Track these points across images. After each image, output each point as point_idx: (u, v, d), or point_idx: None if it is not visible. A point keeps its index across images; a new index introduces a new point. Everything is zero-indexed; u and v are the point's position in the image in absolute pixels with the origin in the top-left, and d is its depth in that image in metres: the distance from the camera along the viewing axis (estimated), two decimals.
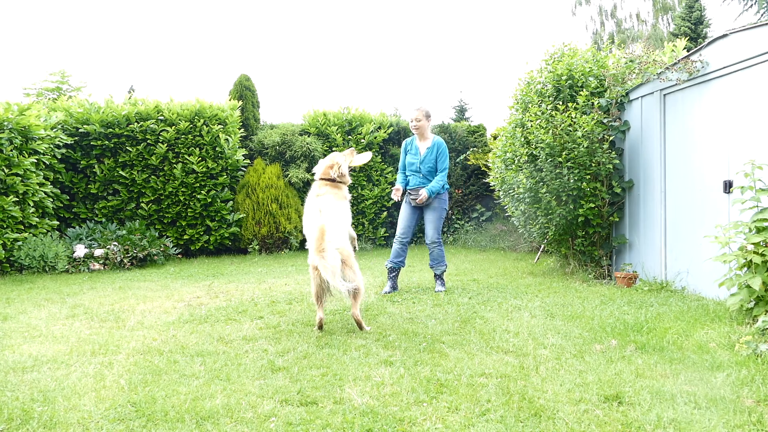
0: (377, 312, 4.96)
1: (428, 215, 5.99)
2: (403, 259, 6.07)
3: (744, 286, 4.11)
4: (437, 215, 5.98)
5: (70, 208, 9.01)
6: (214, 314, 4.94)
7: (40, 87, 10.53)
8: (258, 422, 2.69)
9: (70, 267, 7.80)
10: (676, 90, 5.82)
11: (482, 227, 11.27)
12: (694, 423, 2.61)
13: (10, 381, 3.27)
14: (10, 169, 7.49)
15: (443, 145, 6.02)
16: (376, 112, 11.07)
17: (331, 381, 3.21)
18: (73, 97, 9.98)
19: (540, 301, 5.35)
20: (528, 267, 7.80)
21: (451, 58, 42.30)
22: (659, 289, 5.75)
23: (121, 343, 4.04)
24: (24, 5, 37.90)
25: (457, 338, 4.07)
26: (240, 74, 10.63)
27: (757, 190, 4.25)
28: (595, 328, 4.25)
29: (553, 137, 6.40)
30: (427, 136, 6.07)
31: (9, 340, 4.18)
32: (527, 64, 9.51)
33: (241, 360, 3.62)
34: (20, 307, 5.36)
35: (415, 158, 6.04)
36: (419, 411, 2.79)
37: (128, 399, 2.97)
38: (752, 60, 4.78)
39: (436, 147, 5.97)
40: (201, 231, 9.31)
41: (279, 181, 9.80)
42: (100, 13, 40.12)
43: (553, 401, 2.88)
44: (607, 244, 6.81)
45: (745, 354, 3.48)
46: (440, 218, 6.00)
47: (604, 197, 6.54)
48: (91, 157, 8.96)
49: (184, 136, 9.17)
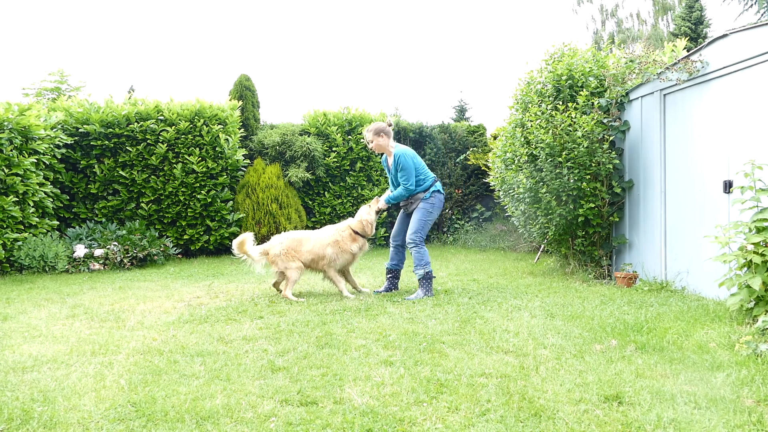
0: (377, 312, 4.96)
1: (412, 216, 5.88)
2: (398, 261, 6.04)
3: (744, 286, 4.11)
4: (419, 217, 5.80)
5: (70, 208, 9.01)
6: (214, 314, 4.94)
7: (39, 87, 10.53)
8: (258, 422, 2.69)
9: (70, 267, 7.80)
10: (676, 90, 5.82)
11: (482, 227, 11.27)
12: (694, 423, 2.61)
13: (10, 381, 3.27)
14: (10, 169, 7.49)
15: (402, 156, 5.80)
16: (376, 112, 11.07)
17: (331, 381, 3.21)
18: (72, 97, 9.98)
19: (540, 301, 5.35)
20: (528, 267, 7.80)
21: (451, 58, 42.31)
22: (659, 289, 5.75)
23: (121, 343, 4.04)
24: (23, 5, 37.90)
25: (457, 338, 4.07)
26: (240, 74, 10.63)
27: (757, 190, 4.25)
28: (595, 328, 4.25)
29: (553, 137, 6.41)
30: (390, 151, 5.96)
31: (9, 340, 4.18)
32: (527, 64, 9.53)
33: (241, 360, 3.62)
34: (20, 307, 5.36)
35: (390, 174, 6.08)
36: (419, 411, 2.79)
37: (128, 399, 2.97)
38: (752, 60, 4.78)
39: (396, 160, 5.86)
40: (201, 231, 9.31)
41: (279, 181, 9.80)
42: (100, 13, 40.12)
43: (553, 401, 2.88)
44: (607, 244, 6.82)
45: (745, 354, 3.48)
46: (422, 220, 5.80)
47: (604, 197, 6.54)
48: (91, 157, 8.96)
49: (184, 136, 9.17)
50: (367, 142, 5.99)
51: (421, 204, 5.86)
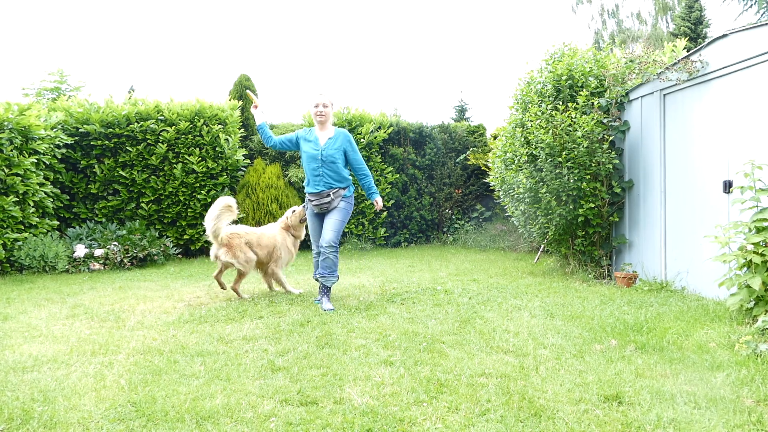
0: (377, 312, 4.96)
1: (333, 215, 5.32)
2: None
3: (744, 286, 4.11)
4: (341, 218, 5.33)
5: (70, 208, 9.01)
6: (214, 314, 4.94)
7: (39, 87, 10.52)
8: (258, 422, 2.70)
9: (70, 267, 7.80)
10: (676, 90, 5.82)
11: (482, 227, 11.28)
12: (694, 423, 2.61)
13: (11, 381, 3.27)
14: (11, 169, 7.49)
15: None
16: (376, 112, 11.07)
17: (331, 381, 3.21)
18: (72, 97, 9.97)
19: (540, 301, 5.35)
20: (528, 267, 7.80)
21: (451, 58, 42.30)
22: (659, 289, 5.75)
23: (121, 343, 4.04)
24: (22, 4, 37.90)
25: (457, 338, 4.07)
26: (240, 74, 10.64)
27: (756, 190, 4.26)
28: (595, 328, 4.25)
29: (553, 137, 6.41)
30: (331, 127, 5.50)
31: (9, 340, 4.18)
32: (527, 64, 9.53)
33: (241, 360, 3.62)
34: (20, 307, 5.36)
35: (321, 154, 5.38)
36: (419, 411, 2.79)
37: (128, 399, 2.97)
38: (752, 60, 4.78)
39: (345, 138, 5.41)
40: (201, 231, 9.30)
41: (279, 181, 9.80)
42: (100, 13, 40.12)
43: (553, 401, 2.88)
44: (607, 244, 6.82)
45: (745, 354, 3.48)
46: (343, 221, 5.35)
47: (604, 197, 6.54)
48: (91, 157, 8.96)
49: (184, 136, 9.17)
50: (323, 104, 5.33)
51: (342, 203, 5.34)
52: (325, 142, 5.31)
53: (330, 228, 5.22)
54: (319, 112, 5.34)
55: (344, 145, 5.34)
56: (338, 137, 5.33)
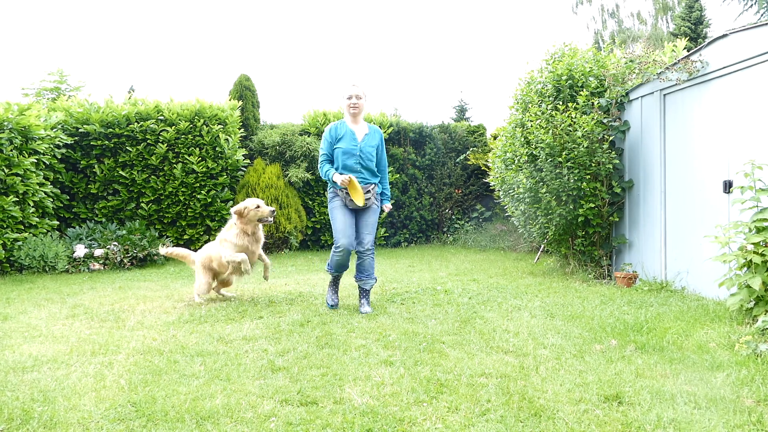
0: (377, 312, 4.96)
1: (370, 216, 5.21)
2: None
3: (744, 286, 4.11)
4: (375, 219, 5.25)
5: (70, 208, 9.01)
6: (214, 314, 4.94)
7: (38, 87, 10.53)
8: (258, 422, 2.69)
9: (70, 267, 7.80)
10: (676, 90, 5.82)
11: (482, 227, 11.28)
12: (694, 423, 2.61)
13: (10, 381, 3.27)
14: (10, 169, 7.49)
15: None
16: (376, 112, 11.08)
17: (331, 381, 3.20)
18: (72, 97, 9.98)
19: (540, 301, 5.35)
20: (528, 267, 7.80)
21: (451, 58, 42.30)
22: (659, 289, 5.75)
23: (121, 343, 4.04)
24: (22, 4, 37.89)
25: (457, 338, 4.07)
26: (240, 74, 10.63)
27: (757, 190, 4.26)
28: (595, 328, 4.25)
29: (553, 137, 6.41)
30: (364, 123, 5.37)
31: (9, 340, 4.18)
32: (527, 64, 9.54)
33: (241, 360, 3.62)
34: (20, 307, 5.36)
35: (361, 152, 5.21)
36: (419, 411, 2.79)
37: (128, 399, 2.97)
38: (752, 60, 4.78)
39: (380, 135, 5.33)
40: (201, 231, 9.31)
41: (279, 181, 9.80)
42: (100, 13, 40.12)
43: (553, 401, 2.88)
44: (607, 244, 6.82)
45: (745, 354, 3.48)
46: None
47: (604, 197, 6.54)
48: (91, 157, 8.96)
49: (184, 136, 9.16)
50: (357, 96, 5.14)
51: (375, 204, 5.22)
52: (363, 138, 5.13)
53: (369, 231, 5.13)
54: (353, 104, 5.13)
55: (379, 143, 5.23)
56: (374, 134, 5.20)
